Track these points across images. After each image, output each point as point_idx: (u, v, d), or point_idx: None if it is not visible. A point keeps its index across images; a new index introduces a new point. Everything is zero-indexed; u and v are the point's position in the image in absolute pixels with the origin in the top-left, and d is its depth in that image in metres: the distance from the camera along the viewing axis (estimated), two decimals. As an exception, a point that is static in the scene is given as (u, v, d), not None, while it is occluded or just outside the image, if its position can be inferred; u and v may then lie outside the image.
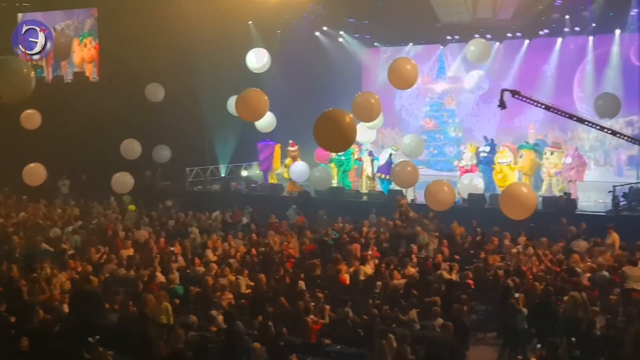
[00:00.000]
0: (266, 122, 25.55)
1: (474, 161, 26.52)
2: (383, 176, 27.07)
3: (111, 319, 13.67)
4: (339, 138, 13.52)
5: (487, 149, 26.92)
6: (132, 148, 22.39)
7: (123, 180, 20.92)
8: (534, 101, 20.32)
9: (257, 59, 23.07)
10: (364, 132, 27.10)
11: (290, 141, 29.35)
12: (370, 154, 28.41)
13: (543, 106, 20.45)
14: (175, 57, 29.73)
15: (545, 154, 25.47)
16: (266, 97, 16.78)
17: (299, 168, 27.37)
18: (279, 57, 31.39)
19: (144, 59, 28.96)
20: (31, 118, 20.75)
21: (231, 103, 25.28)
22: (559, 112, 20.61)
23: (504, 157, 26.08)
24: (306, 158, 29.11)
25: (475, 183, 25.09)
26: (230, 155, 32.98)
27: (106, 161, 25.06)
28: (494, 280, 15.43)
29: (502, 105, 19.75)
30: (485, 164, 26.64)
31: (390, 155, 27.36)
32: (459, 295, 14.24)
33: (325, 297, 14.48)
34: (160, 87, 24.35)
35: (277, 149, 30.06)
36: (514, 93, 19.98)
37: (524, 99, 20.25)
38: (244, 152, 33.05)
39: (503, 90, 20.00)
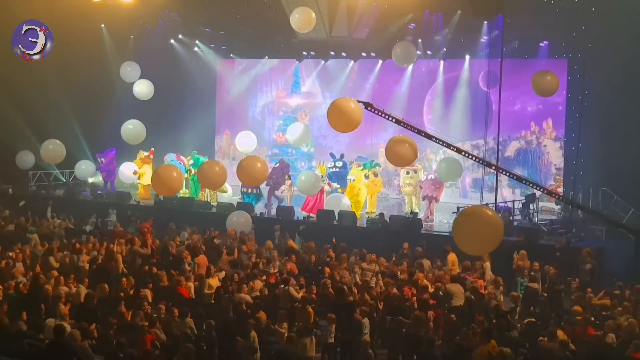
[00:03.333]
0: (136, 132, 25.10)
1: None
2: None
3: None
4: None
5: (340, 164, 27.13)
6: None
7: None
8: (385, 114, 20.67)
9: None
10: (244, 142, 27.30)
11: (152, 149, 29.14)
12: None
13: (393, 120, 20.75)
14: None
15: (408, 173, 25.93)
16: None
17: None
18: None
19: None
20: None
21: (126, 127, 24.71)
22: (409, 127, 21.00)
23: (351, 174, 26.40)
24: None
25: (344, 202, 25.32)
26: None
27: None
28: (338, 296, 15.28)
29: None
30: (337, 180, 26.76)
31: None
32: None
33: (167, 309, 13.96)
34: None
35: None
36: (367, 105, 20.18)
37: (376, 112, 20.48)
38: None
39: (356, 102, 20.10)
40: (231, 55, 35.13)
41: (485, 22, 27.40)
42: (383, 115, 20.54)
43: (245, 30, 31.80)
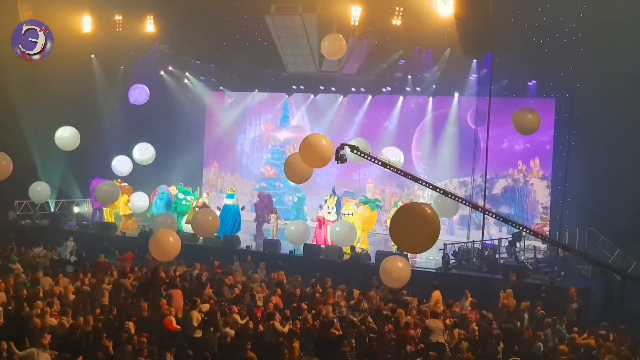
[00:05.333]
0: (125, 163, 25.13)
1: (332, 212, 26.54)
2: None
3: None
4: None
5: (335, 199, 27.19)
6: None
7: None
8: (372, 157, 20.41)
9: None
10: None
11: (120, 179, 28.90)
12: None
13: (380, 163, 20.58)
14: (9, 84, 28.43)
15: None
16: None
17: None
18: (120, 94, 30.69)
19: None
20: None
21: (60, 135, 24.59)
22: (395, 170, 20.81)
23: (347, 209, 26.36)
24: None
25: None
26: (57, 191, 31.49)
27: None
28: (322, 330, 15.13)
29: (341, 159, 19.54)
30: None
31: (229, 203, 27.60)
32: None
33: (148, 340, 13.81)
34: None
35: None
36: (352, 148, 19.98)
37: (362, 155, 20.29)
38: (74, 188, 31.84)
39: (342, 145, 19.90)
40: (221, 87, 35.22)
41: (475, 60, 27.59)
42: (369, 158, 20.38)
43: (236, 64, 31.92)
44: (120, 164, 26.97)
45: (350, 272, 22.06)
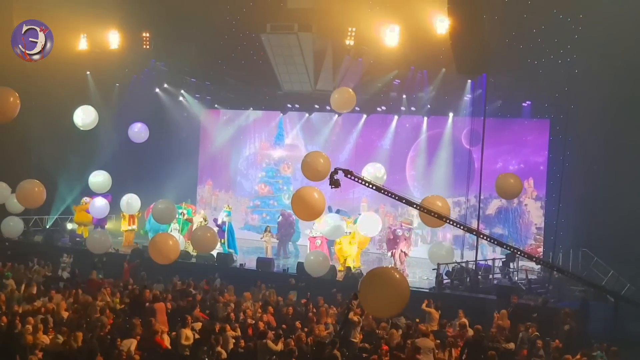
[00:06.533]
0: (101, 180, 24.91)
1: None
2: (222, 241, 26.73)
3: None
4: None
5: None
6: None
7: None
8: (366, 182, 20.21)
9: (85, 117, 23.39)
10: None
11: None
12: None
13: (374, 187, 20.42)
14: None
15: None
16: None
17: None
18: (115, 111, 30.70)
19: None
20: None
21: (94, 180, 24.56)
22: (389, 194, 20.60)
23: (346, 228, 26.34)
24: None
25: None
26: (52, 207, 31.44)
27: None
28: (317, 350, 15.07)
29: (335, 184, 19.30)
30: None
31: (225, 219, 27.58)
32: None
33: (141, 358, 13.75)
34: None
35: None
36: (347, 173, 19.80)
37: (356, 179, 20.11)
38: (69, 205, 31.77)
39: (336, 170, 19.67)
40: (216, 105, 35.25)
41: (469, 80, 27.69)
42: (363, 182, 20.24)
43: (231, 81, 31.96)
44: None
45: (344, 291, 21.96)
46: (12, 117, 17.00)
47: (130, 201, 26.26)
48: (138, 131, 26.69)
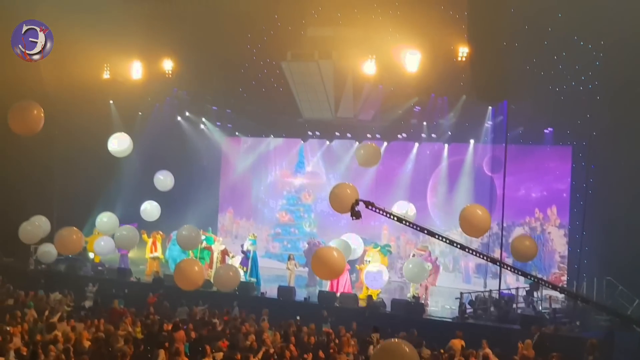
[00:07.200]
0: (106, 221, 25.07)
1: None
2: (245, 269, 26.74)
3: None
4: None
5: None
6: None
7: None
8: (387, 213, 20.04)
9: (119, 144, 23.74)
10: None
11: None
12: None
13: (395, 218, 20.27)
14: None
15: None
16: None
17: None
18: (138, 139, 30.82)
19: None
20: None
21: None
22: (411, 225, 20.43)
23: (368, 256, 26.54)
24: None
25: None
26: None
27: None
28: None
29: (356, 215, 19.16)
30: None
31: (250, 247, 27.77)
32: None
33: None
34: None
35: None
36: (367, 204, 19.63)
37: (377, 211, 19.94)
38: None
39: (357, 201, 19.49)
40: (237, 133, 35.31)
41: (490, 107, 27.60)
42: (384, 213, 20.09)
43: (252, 109, 32.01)
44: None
45: (367, 321, 21.80)
46: (36, 131, 17.04)
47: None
48: (164, 179, 26.91)
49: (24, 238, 22.88)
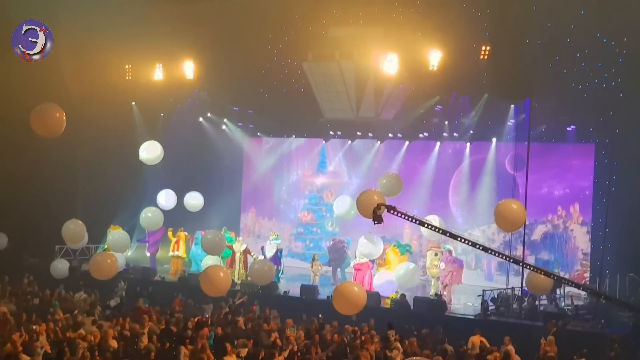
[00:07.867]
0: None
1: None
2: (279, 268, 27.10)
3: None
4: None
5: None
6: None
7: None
8: (409, 217, 19.94)
9: (149, 152, 24.02)
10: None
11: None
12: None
13: (417, 222, 20.18)
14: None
15: (436, 255, 26.04)
16: None
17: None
18: (160, 141, 30.96)
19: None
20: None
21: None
22: (433, 228, 20.30)
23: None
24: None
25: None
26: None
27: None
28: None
29: (378, 219, 19.09)
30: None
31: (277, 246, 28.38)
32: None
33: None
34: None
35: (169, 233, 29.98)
36: (389, 209, 19.57)
37: (399, 215, 19.84)
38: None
39: (378, 205, 19.41)
40: (259, 133, 35.48)
41: (512, 105, 27.45)
42: (406, 217, 20.01)
43: (273, 110, 32.07)
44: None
45: (388, 319, 21.82)
46: (58, 133, 17.11)
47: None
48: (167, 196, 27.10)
49: (68, 238, 23.08)
